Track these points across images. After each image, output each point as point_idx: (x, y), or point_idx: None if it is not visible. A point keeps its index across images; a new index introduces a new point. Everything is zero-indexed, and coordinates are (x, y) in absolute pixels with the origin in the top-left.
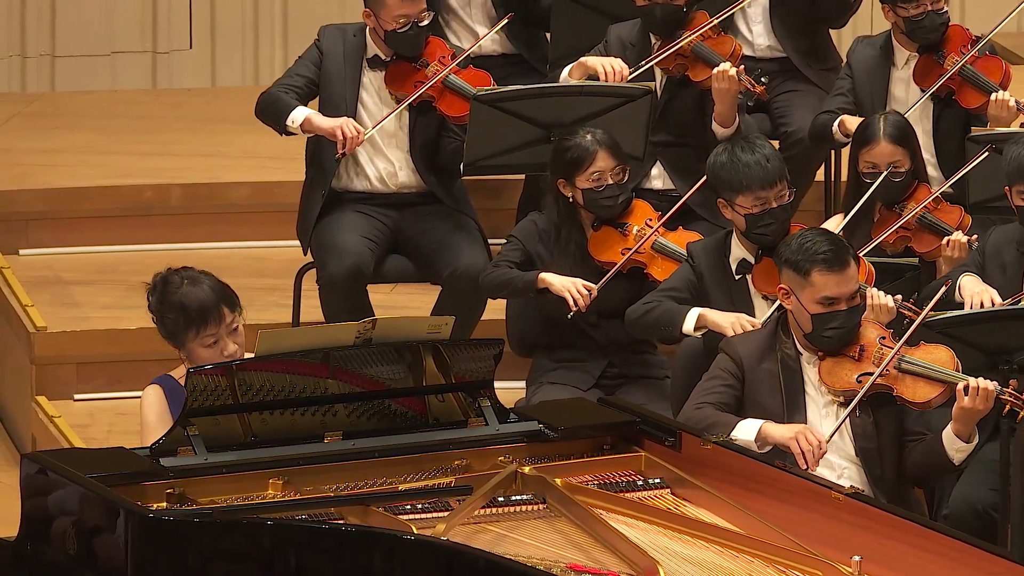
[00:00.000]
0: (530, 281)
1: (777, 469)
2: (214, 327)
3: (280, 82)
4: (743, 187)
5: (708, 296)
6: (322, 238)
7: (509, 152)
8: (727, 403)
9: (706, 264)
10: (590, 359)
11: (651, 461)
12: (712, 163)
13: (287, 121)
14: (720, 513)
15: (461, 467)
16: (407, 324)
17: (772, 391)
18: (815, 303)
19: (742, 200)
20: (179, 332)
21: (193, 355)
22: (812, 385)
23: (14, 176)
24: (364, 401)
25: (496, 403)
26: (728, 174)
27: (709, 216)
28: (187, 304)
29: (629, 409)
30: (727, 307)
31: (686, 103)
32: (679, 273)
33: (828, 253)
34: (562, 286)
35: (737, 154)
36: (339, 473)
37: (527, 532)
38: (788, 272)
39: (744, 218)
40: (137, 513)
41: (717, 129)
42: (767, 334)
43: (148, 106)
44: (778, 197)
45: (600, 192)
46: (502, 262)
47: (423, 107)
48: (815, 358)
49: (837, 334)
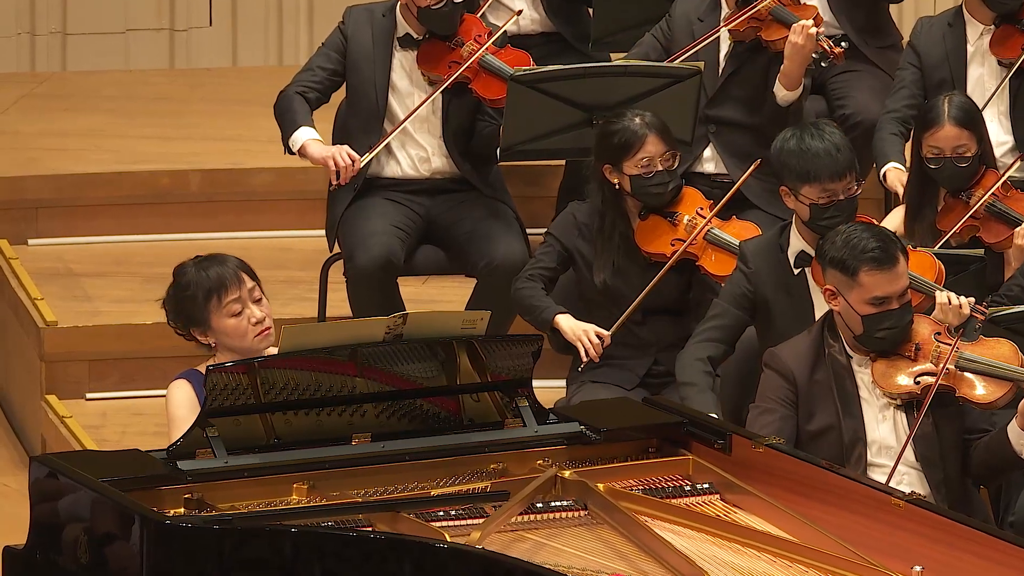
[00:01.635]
0: (546, 320)
1: (834, 473)
2: (235, 290)
3: (299, 79)
4: (810, 177)
5: (766, 299)
6: (350, 227)
7: (548, 136)
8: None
9: (761, 263)
10: (635, 357)
11: (699, 465)
12: (779, 148)
13: (289, 142)
14: (772, 520)
15: (497, 471)
16: (440, 319)
17: (825, 399)
18: (865, 304)
19: (808, 190)
20: (199, 308)
21: (220, 332)
22: (866, 388)
23: (23, 161)
24: (394, 401)
25: (535, 403)
26: (795, 161)
27: (763, 204)
28: (202, 277)
29: (676, 409)
30: (786, 304)
31: (751, 75)
32: (728, 289)
33: (877, 251)
34: (574, 334)
35: (806, 141)
36: (367, 477)
37: (567, 540)
38: (834, 272)
39: (809, 208)
40: (153, 520)
41: (779, 91)
42: (813, 339)
43: (165, 87)
44: (846, 190)
45: (649, 179)
46: (536, 271)
47: (457, 89)
48: (867, 360)
49: (890, 335)
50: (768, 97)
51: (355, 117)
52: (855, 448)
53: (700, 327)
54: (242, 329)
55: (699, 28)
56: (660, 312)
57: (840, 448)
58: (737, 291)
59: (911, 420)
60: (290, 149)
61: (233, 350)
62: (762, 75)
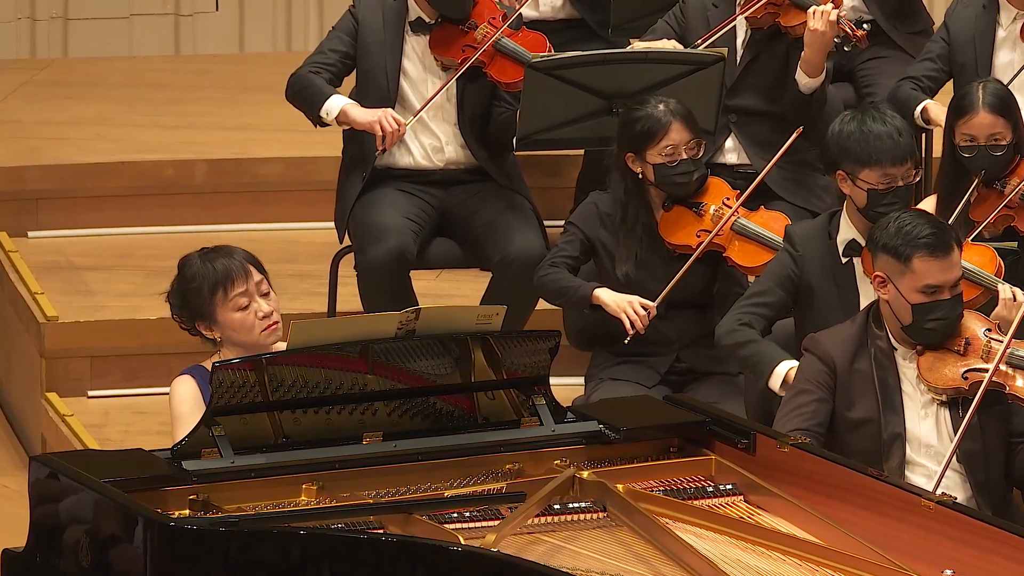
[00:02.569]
0: (584, 296)
1: (861, 474)
2: (242, 283)
3: (311, 60)
4: (872, 160)
5: (811, 286)
6: (361, 219)
7: (567, 125)
8: (820, 423)
9: (809, 248)
10: (656, 353)
11: (722, 465)
12: (837, 131)
13: (321, 112)
14: (798, 522)
15: (513, 471)
16: (454, 314)
17: (865, 392)
18: (916, 292)
19: (867, 175)
20: (205, 301)
21: (226, 326)
22: (909, 383)
23: (23, 151)
24: (407, 399)
25: (552, 401)
26: (856, 145)
27: (788, 195)
28: (209, 269)
29: (699, 408)
30: (831, 293)
31: (771, 62)
32: (774, 268)
33: (931, 237)
34: (617, 306)
35: (867, 123)
36: (379, 478)
37: (585, 543)
38: (885, 258)
39: (867, 194)
40: (157, 521)
41: (801, 79)
42: (857, 328)
43: (170, 74)
44: (905, 175)
45: (673, 168)
46: (559, 258)
47: (472, 74)
48: (912, 353)
49: (940, 326)
50: (789, 84)
51: (366, 103)
52: (894, 444)
53: (740, 302)
54: (249, 323)
55: (714, 15)
56: (683, 306)
57: (878, 443)
58: (783, 272)
59: (955, 418)
60: (321, 121)
61: (239, 345)
62: (782, 62)
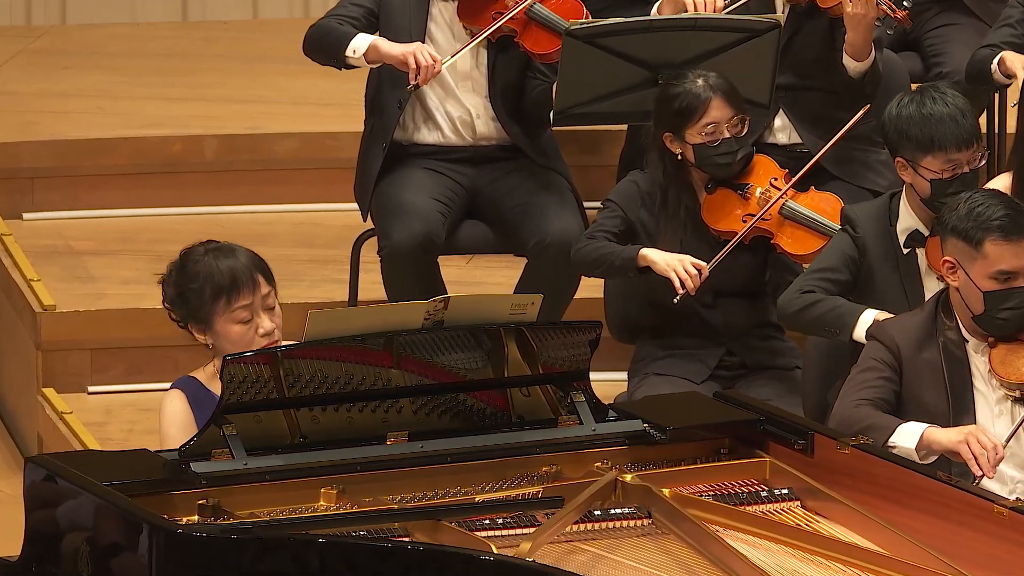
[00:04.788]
0: (630, 258)
1: (929, 477)
2: (248, 295)
3: (334, 12)
4: (934, 146)
5: (872, 272)
6: (384, 200)
7: (608, 98)
8: (886, 399)
9: (869, 231)
10: (705, 346)
11: (777, 468)
12: (894, 114)
13: (347, 51)
14: (859, 530)
15: (550, 474)
16: (486, 303)
17: (934, 386)
18: (988, 278)
19: (930, 162)
20: (204, 305)
21: (222, 336)
22: (981, 378)
23: (18, 125)
24: (434, 395)
25: (592, 398)
26: (916, 129)
27: (842, 174)
28: (214, 269)
29: (752, 405)
30: (893, 280)
31: (813, 37)
32: (835, 247)
33: (1005, 219)
34: (667, 264)
35: (928, 105)
36: (404, 481)
37: (628, 552)
38: (955, 242)
39: (930, 183)
40: (163, 528)
41: (848, 63)
42: (925, 317)
43: (177, 42)
44: (971, 160)
45: (715, 147)
46: (598, 232)
47: (504, 43)
48: (984, 345)
49: (1014, 315)
50: (837, 58)
51: (388, 69)
52: None
53: (801, 277)
54: (247, 340)
55: None
56: (733, 295)
57: None
58: (844, 253)
59: None
60: (347, 63)
61: None
62: (825, 36)
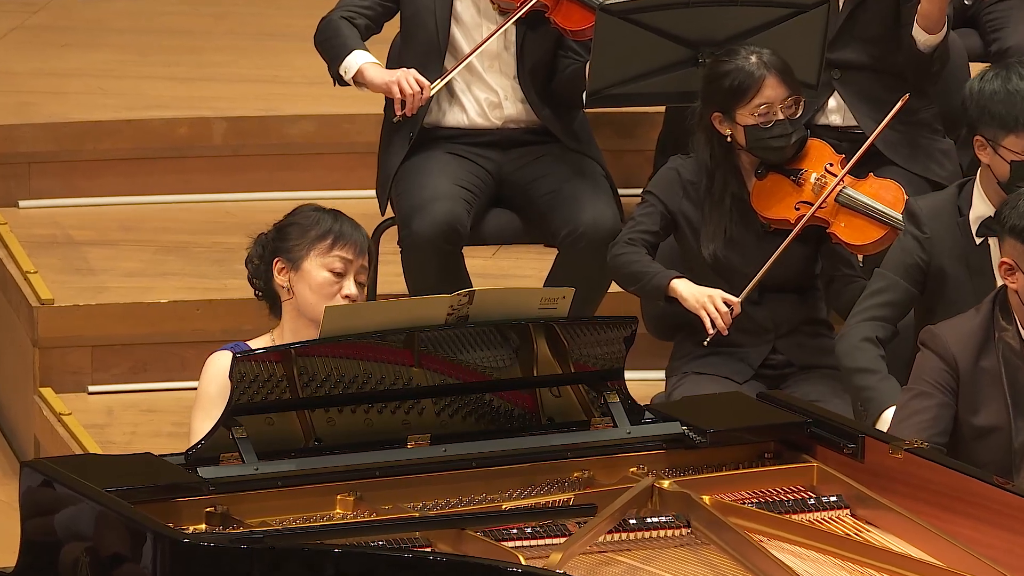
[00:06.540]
0: (659, 287)
1: (987, 484)
2: (351, 251)
3: (344, 3)
4: (1019, 125)
5: (943, 272)
6: (406, 187)
7: (645, 78)
8: (943, 431)
9: (937, 227)
10: (749, 344)
11: (826, 474)
12: (977, 90)
13: (340, 68)
14: (913, 540)
15: (582, 480)
16: (514, 297)
17: (993, 392)
18: None
19: (1012, 142)
20: (305, 241)
21: (306, 279)
22: None
23: (14, 107)
24: (458, 396)
25: (628, 399)
26: (1001, 107)
27: (902, 160)
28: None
29: (798, 407)
30: (964, 279)
31: (878, 11)
32: (897, 257)
33: None
34: (696, 302)
35: (1014, 81)
36: (426, 488)
37: (666, 563)
38: (1013, 242)
39: (1010, 165)
40: (169, 538)
41: (919, 35)
42: (982, 320)
43: (184, 18)
44: None
45: (768, 129)
46: (636, 235)
47: (534, 19)
48: None
49: None
50: (903, 36)
51: (411, 52)
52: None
53: (861, 303)
54: (327, 292)
55: None
56: (781, 290)
57: (1007, 453)
58: (908, 260)
59: None
60: (341, 80)
61: (300, 313)
62: (892, 9)
